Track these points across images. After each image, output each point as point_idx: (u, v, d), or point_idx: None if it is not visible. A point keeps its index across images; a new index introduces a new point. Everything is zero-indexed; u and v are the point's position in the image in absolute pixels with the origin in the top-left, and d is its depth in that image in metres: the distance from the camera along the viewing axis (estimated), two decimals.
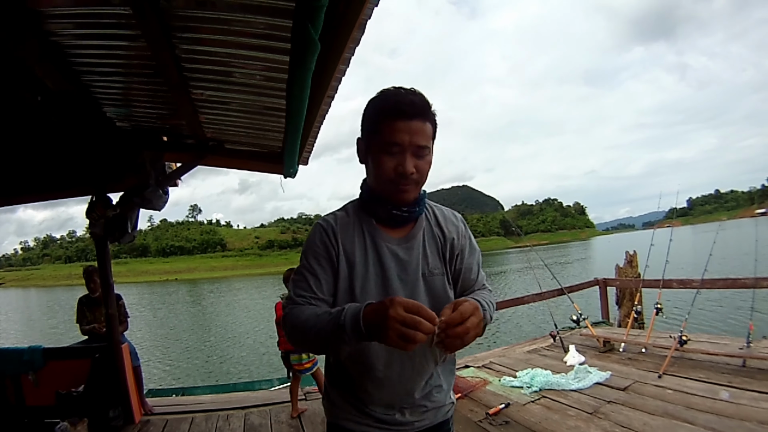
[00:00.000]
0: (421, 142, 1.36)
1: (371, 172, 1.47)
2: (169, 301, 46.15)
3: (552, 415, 4.20)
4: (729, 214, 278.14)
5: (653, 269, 6.69)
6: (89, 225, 4.63)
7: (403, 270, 1.46)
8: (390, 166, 1.37)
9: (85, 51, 2.78)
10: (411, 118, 1.34)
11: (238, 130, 4.10)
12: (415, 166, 1.37)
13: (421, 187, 1.46)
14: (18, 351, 5.04)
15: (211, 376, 13.46)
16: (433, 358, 1.50)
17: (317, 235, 1.48)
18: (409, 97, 1.37)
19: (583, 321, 6.71)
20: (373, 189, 1.49)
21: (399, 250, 1.47)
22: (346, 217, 1.51)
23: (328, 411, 1.61)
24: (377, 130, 1.38)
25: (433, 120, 1.41)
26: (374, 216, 1.50)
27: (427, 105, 1.39)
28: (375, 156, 1.41)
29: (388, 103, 1.37)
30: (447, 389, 1.61)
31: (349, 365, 1.49)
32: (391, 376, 1.45)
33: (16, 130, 4.07)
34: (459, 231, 1.57)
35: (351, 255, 1.45)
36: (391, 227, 1.50)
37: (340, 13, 1.97)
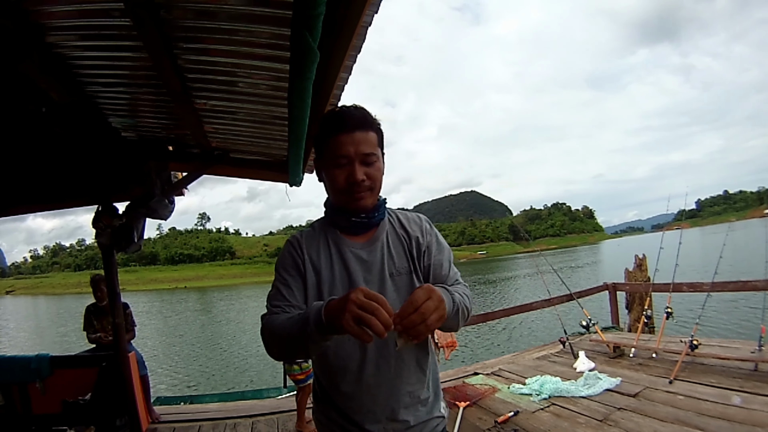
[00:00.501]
0: (366, 150, 1.45)
1: (328, 187, 1.56)
2: (177, 309, 46.28)
3: (561, 423, 4.15)
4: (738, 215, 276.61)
5: (663, 272, 6.63)
6: (96, 234, 4.64)
7: (367, 271, 1.52)
8: (341, 177, 1.46)
9: (88, 62, 2.79)
10: (353, 130, 1.44)
11: (243, 139, 4.10)
12: (365, 174, 1.46)
13: (377, 193, 1.54)
14: (25, 359, 5.05)
15: (219, 384, 13.46)
16: (412, 362, 1.53)
17: (286, 250, 1.58)
18: (349, 112, 1.49)
19: (593, 326, 6.66)
20: (333, 203, 1.59)
21: (362, 252, 1.55)
22: (312, 232, 1.61)
23: (318, 429, 1.66)
24: (325, 148, 1.50)
25: (376, 129, 1.51)
26: (337, 227, 1.58)
27: (367, 116, 1.50)
28: (327, 171, 1.51)
29: (330, 121, 1.49)
30: (434, 401, 1.60)
31: (325, 372, 1.55)
32: (367, 380, 1.48)
33: (22, 140, 4.09)
34: (423, 229, 1.63)
35: (317, 263, 1.53)
36: (353, 234, 1.57)
37: (338, 20, 1.95)
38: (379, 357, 1.48)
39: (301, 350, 1.33)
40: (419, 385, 1.55)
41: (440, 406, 1.63)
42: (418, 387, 1.54)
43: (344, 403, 1.51)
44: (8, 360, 5.19)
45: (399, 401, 1.50)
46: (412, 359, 1.53)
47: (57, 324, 36.60)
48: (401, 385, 1.50)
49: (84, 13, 2.27)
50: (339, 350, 1.48)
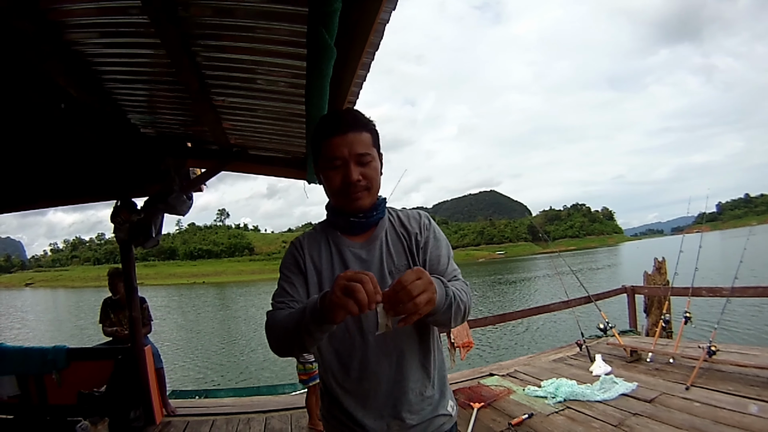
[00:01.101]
0: (360, 150, 1.46)
1: (326, 189, 1.58)
2: (196, 304, 46.57)
3: (576, 427, 4.11)
4: (759, 218, 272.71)
5: (682, 276, 6.55)
6: (114, 229, 4.69)
7: (366, 269, 1.50)
8: (337, 179, 1.48)
9: (107, 60, 2.81)
10: (345, 131, 1.46)
11: (262, 136, 4.11)
12: (361, 174, 1.47)
13: (375, 192, 1.55)
14: (42, 351, 5.12)
15: (236, 379, 13.52)
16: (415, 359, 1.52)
17: (288, 252, 1.62)
18: (341, 116, 1.53)
19: (610, 330, 6.59)
20: (332, 204, 1.61)
21: (361, 252, 1.56)
22: (313, 233, 1.65)
23: (324, 426, 1.68)
24: (320, 152, 1.51)
25: (370, 129, 1.53)
26: (337, 227, 1.61)
27: (359, 117, 1.52)
28: (324, 174, 1.53)
29: (323, 125, 1.52)
30: (439, 399, 1.58)
31: (328, 369, 1.55)
32: (370, 377, 1.48)
33: (43, 136, 4.14)
34: (421, 224, 1.63)
35: (317, 263, 1.56)
36: (353, 234, 1.59)
37: (355, 18, 1.94)
38: (382, 354, 1.48)
39: (297, 342, 1.34)
40: (423, 382, 1.54)
41: (447, 404, 1.61)
42: (422, 384, 1.53)
43: (347, 400, 1.51)
44: (26, 351, 5.25)
45: (402, 399, 1.49)
46: (415, 356, 1.53)
47: (75, 317, 37.03)
48: (404, 382, 1.49)
49: (102, 10, 2.29)
50: (341, 347, 1.50)
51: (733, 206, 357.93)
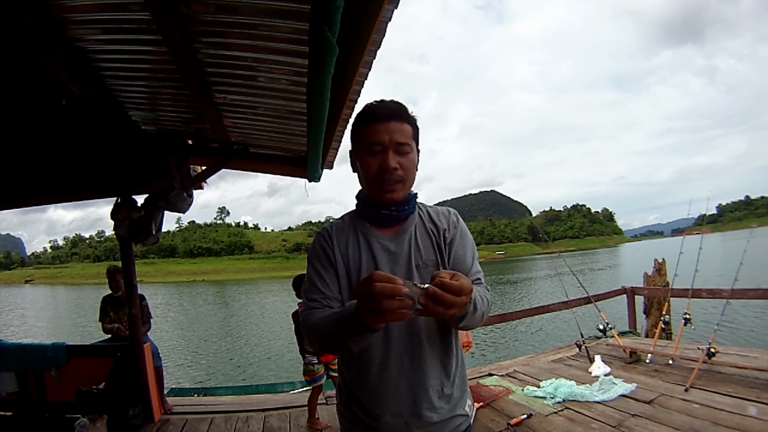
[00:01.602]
0: (400, 139, 1.46)
1: (361, 177, 1.56)
2: (195, 302, 46.56)
3: (575, 428, 4.11)
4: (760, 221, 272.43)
5: (682, 278, 6.55)
6: (114, 226, 4.69)
7: (394, 262, 1.52)
8: (374, 165, 1.47)
9: (109, 56, 2.81)
10: (387, 120, 1.46)
11: (263, 134, 4.10)
12: (398, 163, 1.46)
13: (409, 186, 1.54)
14: (42, 347, 5.13)
15: (233, 377, 13.52)
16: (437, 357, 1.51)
17: (316, 243, 1.59)
18: (385, 104, 1.51)
19: (610, 330, 6.58)
20: (365, 195, 1.61)
21: (390, 244, 1.55)
22: (342, 224, 1.62)
23: (339, 421, 1.67)
24: (360, 136, 1.50)
25: (412, 122, 1.52)
26: (367, 219, 1.60)
27: (403, 109, 1.51)
28: (361, 159, 1.51)
29: (367, 112, 1.51)
30: (459, 398, 1.57)
31: (349, 364, 1.55)
32: (390, 373, 1.47)
33: (44, 133, 4.13)
34: (450, 221, 1.62)
35: (345, 254, 1.54)
36: (382, 227, 1.58)
37: (358, 15, 1.94)
38: (403, 351, 1.47)
39: (342, 347, 1.35)
40: (443, 380, 1.52)
41: (465, 403, 1.59)
42: (443, 383, 1.52)
43: (366, 395, 1.51)
44: (25, 348, 5.26)
45: (421, 396, 1.48)
46: (437, 354, 1.51)
47: (74, 314, 37.05)
48: (424, 379, 1.48)
49: (104, 7, 2.28)
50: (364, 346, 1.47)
51: (733, 208, 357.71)
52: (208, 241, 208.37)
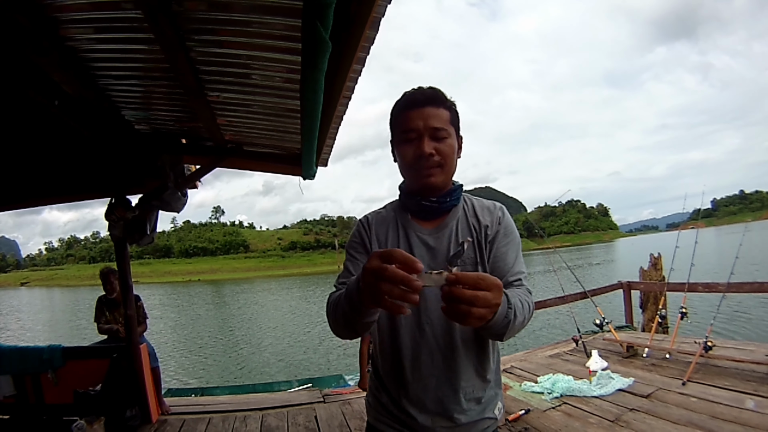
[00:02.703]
0: (436, 124, 1.41)
1: (399, 165, 1.53)
2: (191, 302, 46.47)
3: (573, 423, 4.12)
4: (754, 215, 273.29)
5: (678, 272, 6.56)
6: (109, 227, 4.67)
7: (432, 257, 1.46)
8: (410, 152, 1.44)
9: (101, 55, 2.78)
10: (423, 105, 1.42)
11: (257, 132, 4.09)
12: (435, 148, 1.42)
13: (449, 172, 1.49)
14: (38, 350, 5.10)
15: (230, 376, 13.52)
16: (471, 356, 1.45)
17: (355, 231, 1.58)
18: (421, 90, 1.47)
19: (607, 325, 6.60)
20: (406, 186, 1.57)
21: (429, 239, 1.50)
22: (383, 213, 1.60)
23: (367, 410, 1.66)
24: (397, 124, 1.49)
25: (449, 107, 1.47)
26: (408, 210, 1.55)
27: (439, 94, 1.46)
28: (398, 148, 1.49)
29: (402, 99, 1.48)
30: (489, 401, 1.50)
31: (381, 357, 1.53)
32: (421, 370, 1.43)
33: (37, 133, 4.11)
34: (494, 217, 1.54)
35: (383, 244, 1.51)
36: (423, 219, 1.53)
37: (351, 12, 1.93)
38: (435, 348, 1.43)
39: (348, 328, 1.29)
40: (476, 382, 1.47)
41: (495, 406, 1.54)
42: (475, 384, 1.46)
43: (397, 389, 1.48)
44: (21, 350, 5.23)
45: (450, 396, 1.43)
46: (471, 355, 1.45)
47: (70, 315, 36.96)
48: (455, 380, 1.43)
49: (96, 5, 2.26)
50: (395, 337, 1.46)
51: (728, 203, 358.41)
52: (204, 240, 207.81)
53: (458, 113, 1.50)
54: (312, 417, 4.91)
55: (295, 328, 22.47)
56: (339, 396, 5.59)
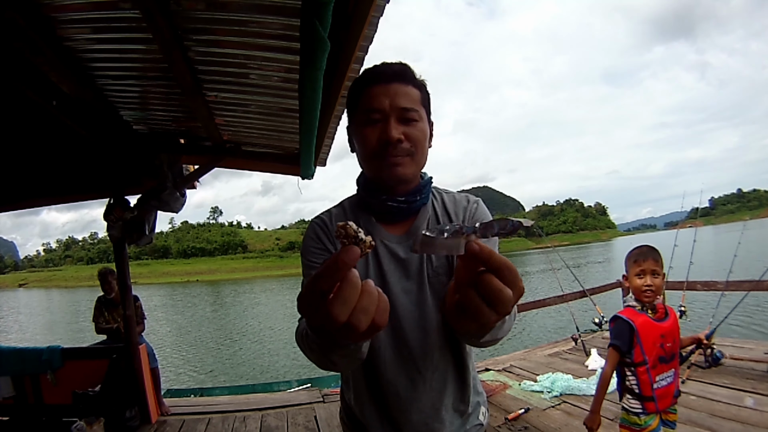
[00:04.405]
0: (404, 104, 1.19)
1: (359, 154, 1.30)
2: (190, 303, 46.39)
3: (572, 421, 4.12)
4: (752, 213, 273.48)
5: (676, 270, 6.56)
6: (107, 227, 4.66)
7: (404, 271, 1.26)
8: (373, 137, 1.20)
9: (99, 55, 2.78)
10: (389, 81, 1.20)
11: (255, 131, 4.09)
12: (403, 133, 1.19)
13: (419, 162, 1.26)
14: (37, 351, 5.10)
15: (230, 377, 13.50)
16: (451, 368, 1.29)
17: (311, 234, 1.32)
18: (386, 64, 1.26)
19: (606, 324, 6.60)
20: (367, 178, 1.32)
21: (398, 248, 1.27)
22: (341, 213, 1.36)
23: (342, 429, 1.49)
24: (356, 103, 1.26)
25: (420, 85, 1.25)
26: (370, 211, 1.32)
27: (408, 70, 1.24)
28: (358, 132, 1.25)
29: (364, 74, 1.27)
30: (472, 412, 1.37)
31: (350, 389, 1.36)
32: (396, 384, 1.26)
33: (35, 133, 4.11)
34: (467, 212, 1.33)
35: None
36: (389, 222, 1.31)
37: (350, 10, 1.93)
38: (410, 362, 1.25)
39: (331, 365, 0.98)
40: (457, 394, 1.32)
41: (479, 413, 1.39)
42: (456, 397, 1.32)
43: (370, 408, 1.31)
44: (20, 351, 5.23)
45: (431, 413, 1.27)
46: (451, 365, 1.30)
47: (69, 316, 36.90)
48: (438, 398, 1.28)
49: (94, 5, 2.26)
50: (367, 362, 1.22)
51: (726, 201, 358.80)
52: (202, 241, 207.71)
53: (429, 94, 1.29)
54: (312, 417, 4.91)
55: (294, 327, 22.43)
56: (338, 396, 5.58)
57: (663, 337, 2.58)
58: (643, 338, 2.55)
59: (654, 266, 2.60)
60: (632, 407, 2.76)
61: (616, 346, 2.65)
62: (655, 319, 2.61)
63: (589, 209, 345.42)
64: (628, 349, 2.60)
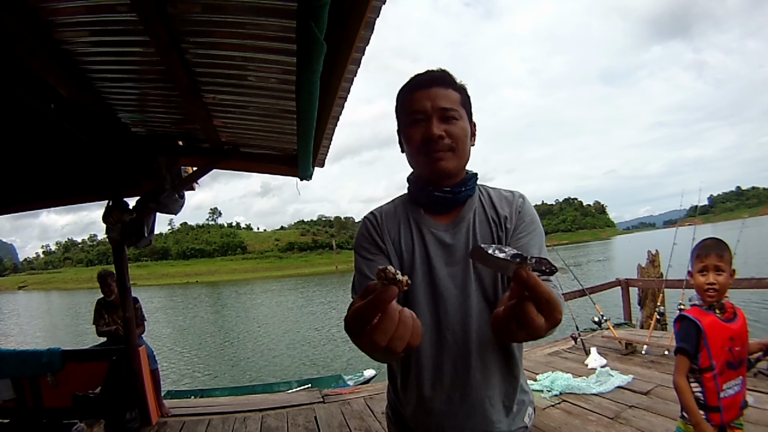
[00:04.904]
0: (444, 105, 1.30)
1: (407, 153, 1.41)
2: (190, 304, 46.35)
3: (572, 420, 4.12)
4: (751, 211, 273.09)
5: (676, 268, 6.57)
6: (106, 230, 4.66)
7: (449, 255, 1.33)
8: (418, 135, 1.32)
9: (96, 58, 2.79)
10: (430, 86, 1.31)
11: (253, 133, 4.09)
12: (444, 131, 1.29)
13: (461, 157, 1.35)
14: (37, 353, 5.10)
15: (230, 378, 13.50)
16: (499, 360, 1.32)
17: (363, 230, 1.43)
18: (428, 71, 1.36)
19: (605, 323, 6.62)
20: (416, 176, 1.44)
21: (445, 235, 1.35)
22: (392, 209, 1.45)
23: (387, 426, 1.56)
24: (402, 108, 1.37)
25: (459, 89, 1.35)
26: (419, 203, 1.42)
27: (447, 75, 1.35)
28: (405, 133, 1.37)
29: (408, 81, 1.37)
30: (517, 410, 1.37)
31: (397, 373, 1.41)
32: (443, 380, 1.31)
33: (34, 137, 4.11)
34: (513, 207, 1.39)
35: (398, 244, 1.37)
36: (437, 213, 1.40)
37: (345, 12, 1.93)
38: (459, 356, 1.29)
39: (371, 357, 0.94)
40: (503, 388, 1.34)
41: (526, 413, 1.41)
42: (503, 391, 1.34)
43: (417, 405, 1.35)
44: (20, 354, 5.24)
45: (477, 409, 1.31)
46: (498, 356, 1.33)
47: (69, 319, 36.87)
48: (482, 389, 1.31)
49: (91, 9, 2.27)
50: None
51: (724, 199, 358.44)
52: (201, 242, 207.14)
53: (469, 96, 1.39)
54: (312, 417, 4.91)
55: (294, 328, 22.45)
56: (338, 396, 5.59)
57: (732, 340, 2.30)
58: (710, 340, 2.28)
59: (718, 262, 2.36)
60: None
61: (684, 350, 2.35)
62: (724, 319, 2.34)
63: (588, 208, 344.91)
64: (695, 353, 2.32)
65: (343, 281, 57.06)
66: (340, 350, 15.58)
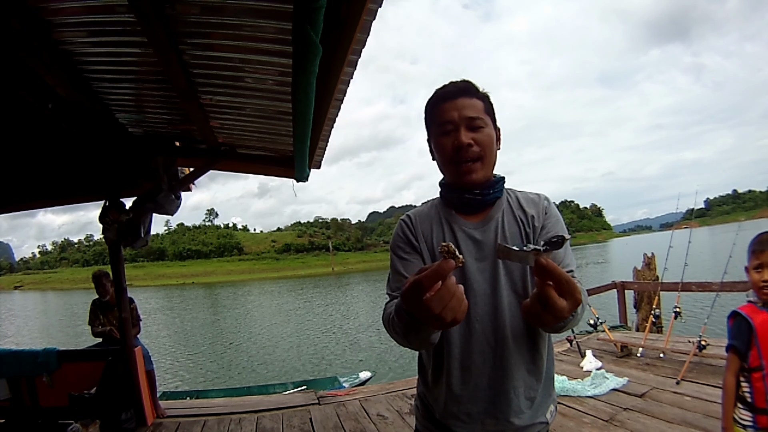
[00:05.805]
0: (470, 114, 1.38)
1: (438, 161, 1.50)
2: (186, 305, 46.24)
3: (567, 422, 4.13)
4: (747, 214, 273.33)
5: (672, 271, 6.59)
6: (103, 230, 4.66)
7: (479, 251, 1.41)
8: (448, 145, 1.40)
9: (95, 59, 2.80)
10: (455, 97, 1.40)
11: (250, 134, 4.10)
12: (472, 139, 1.38)
13: (489, 164, 1.44)
14: (33, 353, 5.09)
15: (225, 379, 13.47)
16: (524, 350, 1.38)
17: (399, 230, 1.52)
18: (452, 83, 1.45)
19: (601, 325, 6.62)
20: (447, 181, 1.52)
21: (476, 232, 1.44)
22: (425, 211, 1.54)
23: (415, 415, 1.63)
24: (431, 120, 1.47)
25: (482, 97, 1.44)
26: (451, 205, 1.50)
27: (471, 86, 1.43)
28: (435, 143, 1.46)
29: (435, 94, 1.46)
30: (541, 402, 1.43)
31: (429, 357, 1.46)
32: (471, 369, 1.37)
33: (32, 136, 4.11)
34: (539, 207, 1.48)
35: (430, 243, 1.45)
36: (467, 213, 1.48)
37: (342, 14, 1.94)
38: (486, 347, 1.36)
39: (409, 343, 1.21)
40: (529, 380, 1.39)
41: (548, 409, 1.46)
42: (527, 385, 1.39)
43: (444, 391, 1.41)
44: (16, 354, 5.23)
45: (502, 399, 1.37)
46: (524, 348, 1.38)
47: (65, 319, 36.74)
48: (508, 379, 1.36)
49: (90, 9, 2.28)
50: (442, 336, 1.35)
51: (721, 202, 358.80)
52: (197, 243, 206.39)
53: (492, 104, 1.47)
54: (307, 419, 4.91)
55: (290, 330, 22.43)
56: (334, 398, 5.59)
57: None
58: (761, 340, 2.16)
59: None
60: (742, 418, 2.35)
61: (735, 348, 2.26)
62: None
63: (584, 211, 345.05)
64: (746, 351, 2.21)
65: (340, 283, 57.04)
66: (336, 352, 15.57)
